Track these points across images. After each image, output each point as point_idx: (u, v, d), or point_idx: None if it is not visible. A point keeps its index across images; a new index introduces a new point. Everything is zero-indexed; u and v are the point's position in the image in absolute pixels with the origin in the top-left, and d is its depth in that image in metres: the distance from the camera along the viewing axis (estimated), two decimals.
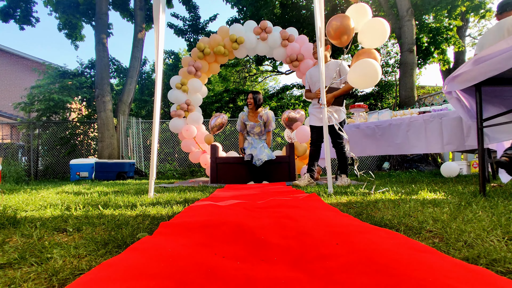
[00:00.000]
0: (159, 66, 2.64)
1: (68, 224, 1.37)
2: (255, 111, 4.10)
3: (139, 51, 9.07)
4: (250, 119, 4.11)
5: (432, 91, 11.58)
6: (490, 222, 1.09)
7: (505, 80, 1.80)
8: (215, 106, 10.60)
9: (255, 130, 4.10)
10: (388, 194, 2.06)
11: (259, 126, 4.07)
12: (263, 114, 4.04)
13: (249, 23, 4.92)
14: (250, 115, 4.14)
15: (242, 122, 4.17)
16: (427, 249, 0.80)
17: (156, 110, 2.63)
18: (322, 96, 2.68)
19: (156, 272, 0.69)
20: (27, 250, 0.96)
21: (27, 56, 13.73)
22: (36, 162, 8.45)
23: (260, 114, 4.06)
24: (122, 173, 6.48)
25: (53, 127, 8.83)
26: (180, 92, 4.97)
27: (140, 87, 11.74)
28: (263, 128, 4.14)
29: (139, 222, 1.36)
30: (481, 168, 1.81)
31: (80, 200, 2.26)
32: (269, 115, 4.05)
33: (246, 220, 1.23)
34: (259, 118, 4.06)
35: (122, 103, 8.64)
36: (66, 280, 0.73)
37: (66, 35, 10.33)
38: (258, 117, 4.08)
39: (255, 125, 4.07)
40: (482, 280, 0.58)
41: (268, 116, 4.04)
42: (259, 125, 4.07)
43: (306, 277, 0.68)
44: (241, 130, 4.24)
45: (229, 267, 0.74)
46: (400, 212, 1.38)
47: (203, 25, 11.10)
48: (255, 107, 4.05)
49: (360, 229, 1.04)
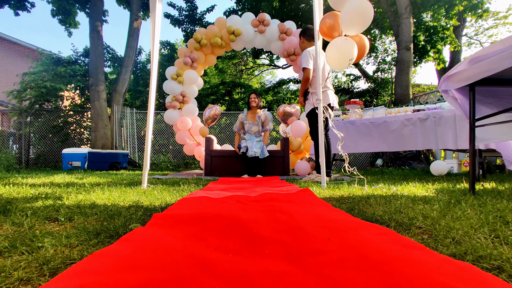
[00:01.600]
0: (154, 56, 2.61)
1: (59, 213, 1.36)
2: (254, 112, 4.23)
3: (134, 40, 8.92)
4: (248, 119, 4.22)
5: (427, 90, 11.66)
6: (478, 220, 1.11)
7: (500, 81, 1.82)
8: (210, 99, 10.52)
9: (253, 129, 4.20)
10: (380, 190, 2.09)
11: (256, 126, 4.18)
12: (262, 114, 4.18)
13: (247, 15, 4.86)
14: (249, 115, 4.26)
15: (240, 122, 4.28)
16: (416, 246, 0.81)
17: (151, 100, 2.61)
18: (318, 91, 2.68)
19: (148, 263, 0.69)
20: (18, 239, 0.96)
21: (20, 42, 13.40)
22: (28, 150, 8.33)
23: (259, 114, 4.19)
24: (116, 164, 6.43)
25: (45, 115, 8.68)
26: (176, 83, 4.92)
27: (135, 77, 11.59)
28: (260, 128, 4.26)
29: (132, 213, 1.36)
30: (472, 168, 1.84)
31: (72, 190, 2.24)
32: (268, 115, 4.18)
33: (240, 213, 1.24)
34: (257, 118, 4.18)
35: (116, 93, 8.52)
36: (57, 269, 0.73)
37: (59, 21, 10.08)
38: (256, 117, 4.19)
39: (253, 124, 4.18)
40: (468, 276, 0.60)
41: (267, 116, 4.17)
42: (257, 125, 4.18)
43: (298, 271, 0.69)
44: (238, 130, 4.34)
45: (221, 259, 0.75)
46: (391, 208, 1.40)
47: (200, 16, 10.94)
48: (257, 107, 4.21)
49: (352, 224, 1.05)
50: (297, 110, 4.78)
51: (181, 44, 16.68)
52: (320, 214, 1.22)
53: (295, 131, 4.50)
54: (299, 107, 4.82)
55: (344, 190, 2.21)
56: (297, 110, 4.78)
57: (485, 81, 1.75)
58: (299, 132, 4.43)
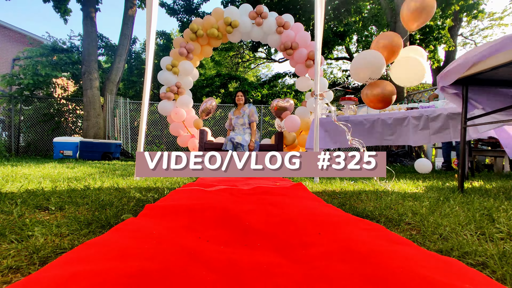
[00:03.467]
0: (150, 45, 2.57)
1: (50, 202, 1.35)
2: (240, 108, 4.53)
3: (129, 28, 8.75)
4: (235, 114, 4.51)
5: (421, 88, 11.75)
6: (465, 217, 1.14)
7: (492, 81, 1.85)
8: (205, 91, 10.43)
9: (239, 121, 4.44)
10: (371, 186, 2.12)
11: (242, 118, 4.41)
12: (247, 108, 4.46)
13: (244, 7, 4.80)
14: (235, 111, 4.56)
15: (229, 119, 4.53)
16: (403, 241, 0.83)
17: (145, 90, 2.57)
18: (316, 87, 2.68)
19: (139, 253, 0.69)
20: (7, 227, 0.95)
21: (10, 27, 13.01)
22: (18, 138, 8.17)
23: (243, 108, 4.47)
24: (108, 154, 6.37)
25: (36, 103, 8.50)
26: (171, 74, 4.85)
27: (129, 66, 11.39)
28: (246, 120, 4.41)
29: (124, 204, 1.36)
30: (461, 166, 1.87)
31: (63, 178, 2.22)
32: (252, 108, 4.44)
33: (232, 205, 1.24)
34: (242, 111, 4.45)
35: (109, 82, 8.38)
36: (48, 258, 0.73)
37: (53, 7, 9.80)
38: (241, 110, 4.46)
39: (238, 118, 4.44)
40: (452, 270, 0.62)
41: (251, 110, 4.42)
42: (242, 117, 4.41)
43: (287, 263, 0.70)
44: (229, 126, 4.55)
45: (212, 250, 0.76)
46: (381, 204, 1.42)
47: (196, 6, 10.76)
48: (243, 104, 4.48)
49: (342, 219, 1.07)
50: (291, 104, 4.78)
51: (177, 34, 16.43)
52: (312, 209, 1.24)
53: (289, 125, 4.50)
54: (292, 102, 4.81)
55: (336, 185, 2.23)
56: (291, 104, 4.78)
57: (477, 81, 1.78)
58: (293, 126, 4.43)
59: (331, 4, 10.47)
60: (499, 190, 1.98)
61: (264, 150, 4.13)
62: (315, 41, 2.62)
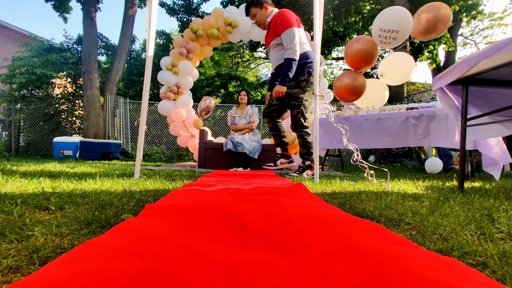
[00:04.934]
0: (150, 44, 2.56)
1: (50, 202, 1.35)
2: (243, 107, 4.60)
3: (129, 28, 8.75)
4: (237, 113, 4.57)
5: (421, 88, 11.76)
6: (465, 217, 1.14)
7: (491, 82, 1.85)
8: (205, 90, 10.43)
9: (242, 122, 4.51)
10: (372, 186, 2.12)
11: (245, 119, 4.49)
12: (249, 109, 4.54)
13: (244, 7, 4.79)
14: (238, 110, 4.61)
15: (232, 117, 4.60)
16: (404, 241, 0.83)
17: (145, 90, 2.57)
18: (315, 86, 2.68)
19: (139, 253, 0.69)
20: (7, 227, 0.95)
21: (10, 26, 13.02)
22: (18, 138, 8.17)
23: (246, 109, 4.55)
24: (108, 154, 6.37)
25: (36, 103, 8.50)
26: (171, 74, 4.86)
27: (128, 66, 11.39)
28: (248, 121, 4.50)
29: (124, 203, 1.36)
30: (461, 166, 1.87)
31: (63, 178, 2.22)
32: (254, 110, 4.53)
33: (232, 205, 1.24)
34: (245, 112, 4.53)
35: (109, 82, 8.38)
36: (48, 258, 0.73)
37: (53, 7, 9.80)
38: (244, 111, 4.54)
39: (241, 118, 4.52)
40: (452, 271, 0.62)
41: (253, 111, 4.51)
42: (245, 118, 4.50)
43: (287, 262, 0.70)
44: (232, 122, 4.62)
45: (212, 250, 0.76)
46: (381, 204, 1.42)
47: (196, 6, 10.76)
48: (246, 104, 4.56)
49: (342, 219, 1.07)
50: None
51: (177, 34, 16.42)
52: (312, 209, 1.24)
53: (289, 125, 4.50)
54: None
55: (336, 185, 2.23)
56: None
57: (477, 81, 1.78)
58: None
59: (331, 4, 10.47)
60: (499, 190, 1.98)
61: (264, 150, 4.13)
62: (314, 41, 2.62)
